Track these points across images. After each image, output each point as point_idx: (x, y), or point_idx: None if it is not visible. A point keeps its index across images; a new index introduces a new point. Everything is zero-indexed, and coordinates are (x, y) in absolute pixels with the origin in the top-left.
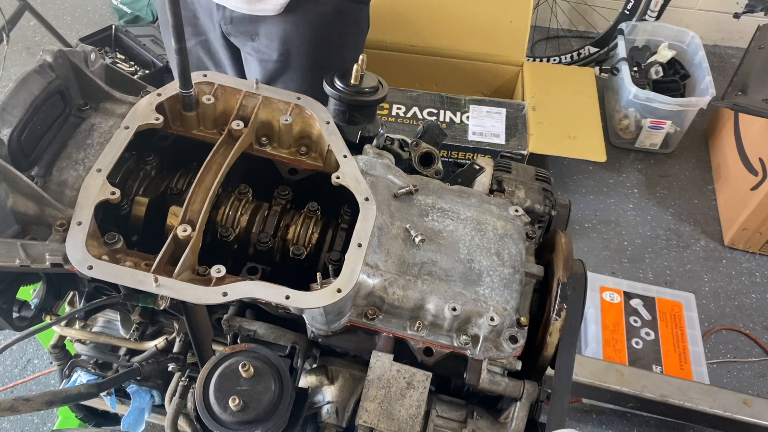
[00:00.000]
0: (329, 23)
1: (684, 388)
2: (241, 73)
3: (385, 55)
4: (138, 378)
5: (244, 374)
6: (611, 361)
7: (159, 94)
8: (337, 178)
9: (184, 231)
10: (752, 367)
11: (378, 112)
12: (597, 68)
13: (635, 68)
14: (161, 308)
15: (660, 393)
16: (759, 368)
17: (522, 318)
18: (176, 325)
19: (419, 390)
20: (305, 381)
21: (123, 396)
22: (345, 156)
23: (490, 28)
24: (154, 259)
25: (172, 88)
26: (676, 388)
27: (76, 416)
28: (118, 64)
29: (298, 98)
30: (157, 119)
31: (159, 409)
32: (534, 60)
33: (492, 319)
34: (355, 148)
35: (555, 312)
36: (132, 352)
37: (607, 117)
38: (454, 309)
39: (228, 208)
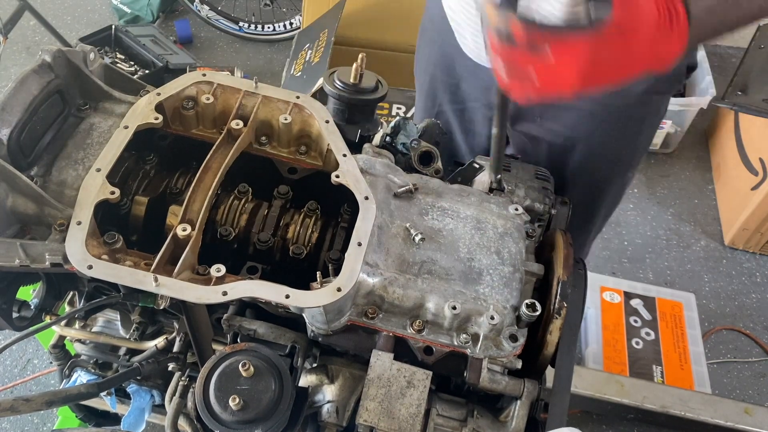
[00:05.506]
0: (630, 115)
1: (685, 399)
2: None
3: (385, 55)
4: (138, 378)
5: (244, 373)
6: (611, 372)
7: (158, 94)
8: (337, 177)
9: (184, 230)
10: (752, 367)
11: (378, 111)
12: None
13: None
14: (161, 308)
15: (660, 404)
16: (759, 368)
17: None
18: (176, 325)
19: (419, 389)
20: (305, 380)
21: (123, 396)
22: (344, 155)
23: None
24: (153, 259)
25: (172, 87)
26: (677, 399)
27: (76, 416)
28: (118, 64)
29: (297, 97)
30: (157, 119)
31: (159, 408)
32: None
33: (492, 318)
34: (355, 147)
35: (555, 310)
36: (132, 352)
37: None
38: (454, 308)
39: (227, 208)
